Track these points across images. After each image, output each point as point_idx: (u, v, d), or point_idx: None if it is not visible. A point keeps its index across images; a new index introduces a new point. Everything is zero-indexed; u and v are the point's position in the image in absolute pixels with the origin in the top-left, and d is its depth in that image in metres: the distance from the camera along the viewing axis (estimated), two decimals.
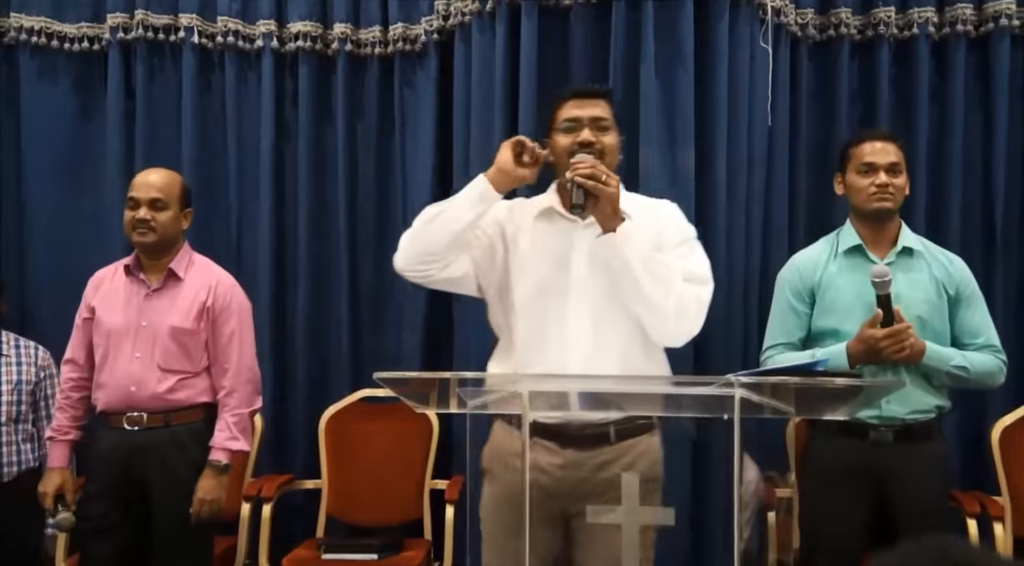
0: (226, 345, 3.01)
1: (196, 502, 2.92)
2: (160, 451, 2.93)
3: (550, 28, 3.46)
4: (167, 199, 2.97)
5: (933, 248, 2.91)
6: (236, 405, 3.00)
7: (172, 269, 3.00)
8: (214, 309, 3.01)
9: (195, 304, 2.99)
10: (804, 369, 2.07)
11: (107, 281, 3.06)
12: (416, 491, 3.69)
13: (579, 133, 2.35)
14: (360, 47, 3.86)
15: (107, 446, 2.96)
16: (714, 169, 3.34)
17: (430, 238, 2.34)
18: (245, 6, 3.87)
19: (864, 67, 3.67)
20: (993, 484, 3.37)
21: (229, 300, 3.05)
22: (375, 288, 3.91)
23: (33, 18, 3.87)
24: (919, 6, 3.56)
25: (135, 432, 2.93)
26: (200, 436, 2.98)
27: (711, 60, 3.34)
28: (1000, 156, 3.54)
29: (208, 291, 3.01)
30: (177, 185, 3.04)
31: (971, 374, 2.75)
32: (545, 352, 2.31)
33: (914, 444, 2.76)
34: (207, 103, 3.91)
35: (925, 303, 2.77)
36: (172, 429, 2.95)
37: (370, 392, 3.74)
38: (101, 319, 2.99)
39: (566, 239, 2.37)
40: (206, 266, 3.10)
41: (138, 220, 2.94)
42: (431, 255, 2.35)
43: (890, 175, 2.80)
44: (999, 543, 3.19)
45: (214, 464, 2.96)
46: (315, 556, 3.41)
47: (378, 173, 3.91)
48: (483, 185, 2.30)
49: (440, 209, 2.35)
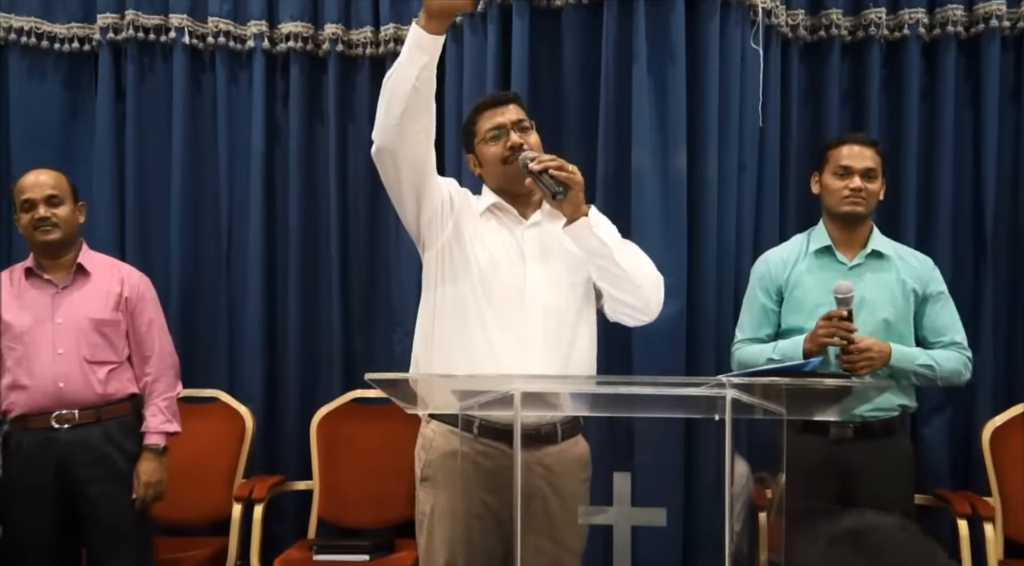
0: (146, 333, 3.08)
1: (141, 486, 2.96)
2: (93, 448, 2.94)
3: (541, 29, 3.46)
4: (61, 194, 3.00)
5: (903, 251, 2.96)
6: (164, 390, 3.08)
7: (81, 264, 3.03)
8: (131, 299, 3.07)
9: (111, 295, 3.03)
10: (794, 370, 2.07)
11: (6, 285, 3.04)
12: (408, 492, 3.65)
13: (508, 139, 2.38)
14: (351, 48, 3.85)
15: (32, 449, 2.94)
16: (705, 169, 3.34)
17: (390, 105, 2.21)
18: (236, 7, 3.85)
19: (855, 68, 3.67)
20: (983, 484, 3.38)
21: (143, 290, 3.12)
22: (366, 289, 3.90)
23: (22, 18, 3.84)
24: (910, 7, 3.57)
25: (65, 431, 2.92)
26: (130, 428, 3.03)
27: (702, 61, 3.34)
28: (990, 157, 3.55)
29: (120, 282, 3.07)
30: (65, 180, 3.07)
31: (937, 372, 2.80)
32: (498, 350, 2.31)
33: (875, 441, 2.81)
34: (198, 104, 3.89)
35: (891, 306, 2.83)
36: (103, 424, 2.97)
37: (361, 393, 3.73)
38: (10, 323, 2.97)
39: (513, 237, 2.41)
40: (107, 260, 3.17)
41: (39, 219, 2.95)
42: (401, 121, 2.20)
43: (865, 180, 2.86)
44: (989, 544, 3.20)
45: (153, 448, 3.01)
46: (307, 557, 3.41)
47: (369, 174, 3.87)
48: (416, 32, 2.20)
49: (387, 75, 2.24)
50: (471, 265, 2.35)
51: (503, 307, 2.33)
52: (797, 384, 1.98)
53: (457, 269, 2.37)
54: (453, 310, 2.37)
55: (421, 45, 2.17)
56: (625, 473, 2.14)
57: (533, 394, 2.10)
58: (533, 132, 2.44)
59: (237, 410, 3.71)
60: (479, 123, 2.44)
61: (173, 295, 3.75)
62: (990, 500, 3.32)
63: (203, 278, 3.86)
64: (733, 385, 1.94)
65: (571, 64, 3.44)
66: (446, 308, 2.38)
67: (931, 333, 2.88)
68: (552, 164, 2.25)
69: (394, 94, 2.19)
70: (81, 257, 3.04)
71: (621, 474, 2.28)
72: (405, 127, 2.21)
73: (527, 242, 2.40)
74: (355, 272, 3.90)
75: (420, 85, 2.18)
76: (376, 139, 2.26)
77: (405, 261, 3.80)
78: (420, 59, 2.17)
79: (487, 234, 2.40)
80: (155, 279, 3.31)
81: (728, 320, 3.34)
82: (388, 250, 3.87)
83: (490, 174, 2.45)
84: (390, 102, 2.20)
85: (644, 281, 2.34)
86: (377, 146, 2.27)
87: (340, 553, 3.39)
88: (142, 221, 3.85)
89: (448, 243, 2.38)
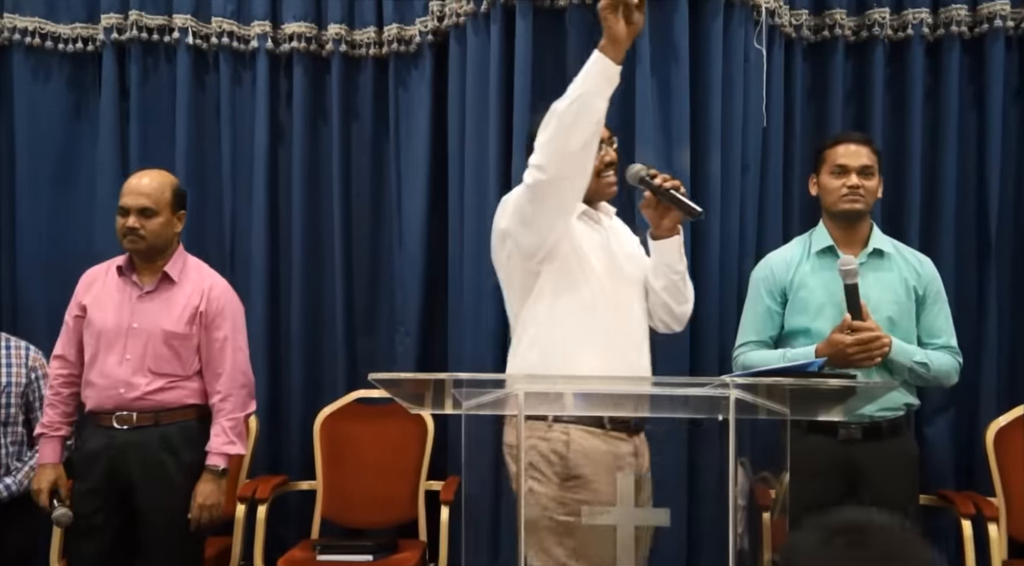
0: (219, 350, 3.00)
1: (196, 507, 2.91)
2: (146, 451, 2.91)
3: (545, 29, 3.46)
4: (156, 206, 2.95)
5: (903, 249, 2.97)
6: (232, 410, 2.99)
7: (166, 272, 2.99)
8: (208, 314, 2.99)
9: (188, 308, 2.98)
10: (798, 370, 2.07)
11: (99, 280, 3.04)
12: (411, 492, 3.69)
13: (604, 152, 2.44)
14: (355, 48, 3.85)
15: (95, 445, 2.95)
16: (708, 169, 3.34)
17: (571, 135, 2.16)
18: (239, 7, 3.86)
19: (858, 68, 3.67)
20: (987, 485, 3.37)
21: (223, 305, 3.04)
22: (370, 289, 3.90)
23: (27, 19, 3.85)
24: (913, 7, 3.57)
25: (123, 431, 2.92)
26: (192, 436, 2.97)
27: (706, 61, 3.35)
28: (994, 157, 3.54)
29: (202, 295, 3.00)
30: (168, 189, 3.00)
31: (931, 371, 2.81)
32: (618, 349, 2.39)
33: (883, 441, 2.82)
34: (201, 104, 3.90)
35: (895, 304, 2.83)
36: (161, 429, 2.93)
37: (365, 393, 3.73)
38: (92, 319, 2.98)
39: (606, 241, 2.47)
40: (200, 269, 3.09)
41: (128, 228, 2.93)
42: (577, 155, 2.18)
43: (861, 177, 2.86)
44: (993, 544, 3.19)
45: (212, 469, 2.95)
46: (310, 557, 3.41)
47: (372, 174, 3.90)
48: (602, 63, 2.14)
49: (568, 104, 2.16)
50: (591, 270, 2.38)
51: (619, 308, 2.41)
52: (801, 384, 1.97)
53: (576, 276, 2.37)
54: (579, 314, 2.36)
55: (607, 75, 2.15)
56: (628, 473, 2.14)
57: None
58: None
59: None
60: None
61: None
62: (994, 500, 3.32)
63: None
64: (737, 385, 1.94)
65: (574, 64, 3.41)
66: (570, 313, 2.36)
67: (926, 334, 2.88)
68: (677, 183, 2.37)
69: (577, 124, 2.15)
70: (170, 264, 2.99)
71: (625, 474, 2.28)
72: (587, 156, 2.21)
73: (613, 246, 2.48)
74: (358, 272, 3.90)
75: (601, 117, 2.19)
76: (551, 170, 2.19)
77: (408, 261, 3.81)
78: (607, 90, 2.17)
79: (590, 240, 2.43)
80: None
81: (731, 320, 3.33)
82: (391, 250, 3.87)
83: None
84: (571, 132, 2.15)
85: (691, 298, 2.56)
86: (551, 176, 2.20)
87: (344, 553, 3.39)
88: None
89: (567, 252, 2.37)
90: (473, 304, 3.53)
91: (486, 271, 3.46)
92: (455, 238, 3.66)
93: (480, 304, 3.49)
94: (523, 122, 3.38)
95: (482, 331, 3.49)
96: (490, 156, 3.46)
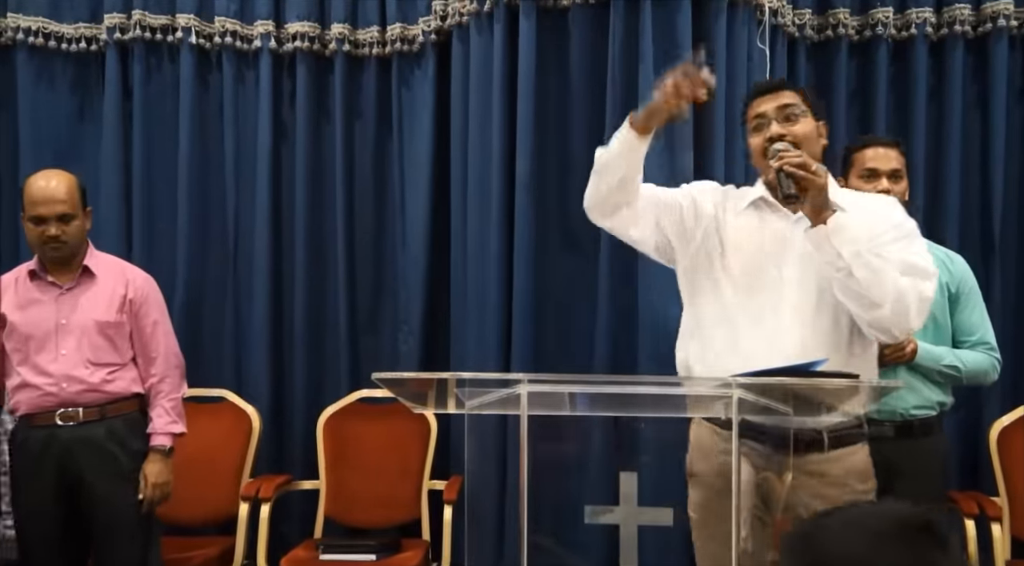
0: (151, 334, 3.06)
1: (149, 487, 2.95)
2: (96, 445, 2.93)
3: (548, 28, 3.46)
4: (73, 210, 2.95)
5: (934, 247, 2.92)
6: (170, 391, 3.06)
7: (87, 266, 3.01)
8: (135, 302, 3.04)
9: (115, 297, 3.01)
10: (802, 369, 2.06)
11: (11, 287, 3.02)
12: (414, 492, 3.69)
13: (768, 129, 2.28)
14: (358, 47, 3.85)
15: (36, 447, 2.94)
16: (712, 170, 3.34)
17: (599, 189, 2.31)
18: (243, 6, 3.86)
19: (862, 67, 3.67)
20: (991, 485, 3.37)
21: (147, 292, 3.09)
22: (373, 288, 3.91)
23: (30, 18, 3.86)
24: (917, 6, 3.56)
25: (69, 428, 2.93)
26: (137, 425, 3.01)
27: (709, 60, 3.33)
28: (998, 156, 3.54)
29: (125, 284, 3.04)
30: (76, 189, 2.99)
31: (963, 373, 2.78)
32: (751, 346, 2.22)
33: (914, 440, 2.78)
34: (205, 103, 3.90)
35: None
36: (108, 422, 2.96)
37: (368, 393, 3.74)
38: (16, 324, 2.97)
39: (778, 235, 2.29)
40: (113, 261, 3.14)
41: (48, 237, 2.91)
42: (607, 201, 2.32)
43: (891, 181, 2.83)
44: (996, 544, 3.19)
45: (159, 449, 3.00)
46: (313, 557, 3.41)
47: (376, 173, 3.90)
48: (624, 132, 2.23)
49: (599, 160, 2.30)
50: (728, 268, 2.31)
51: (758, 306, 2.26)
52: (805, 384, 1.97)
53: (717, 273, 2.32)
54: (714, 312, 2.32)
55: (632, 147, 2.23)
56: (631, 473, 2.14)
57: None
58: (805, 121, 2.30)
59: (244, 409, 3.72)
60: (748, 112, 2.38)
61: (180, 294, 3.77)
62: (997, 500, 3.32)
63: (210, 277, 3.87)
64: (740, 385, 1.93)
65: (578, 64, 3.44)
66: (708, 311, 2.34)
67: (960, 332, 2.85)
68: (791, 160, 2.13)
69: (603, 178, 2.29)
70: (87, 259, 3.02)
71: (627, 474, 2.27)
72: (616, 200, 2.31)
73: (795, 239, 2.26)
74: (361, 272, 3.90)
75: (628, 173, 2.26)
76: (587, 203, 2.35)
77: (411, 261, 3.81)
78: (629, 158, 2.24)
79: (746, 231, 2.33)
80: (162, 279, 3.30)
81: None
82: (395, 250, 3.87)
83: (758, 166, 2.37)
84: (599, 181, 2.30)
85: (885, 300, 2.12)
86: (588, 207, 2.35)
87: (347, 553, 3.39)
88: (149, 221, 3.86)
89: (697, 251, 2.35)
90: (476, 303, 3.53)
91: (489, 270, 3.47)
92: (458, 237, 3.67)
93: (483, 303, 3.49)
94: (526, 122, 3.38)
95: (485, 330, 3.49)
96: (493, 156, 3.46)
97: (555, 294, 3.45)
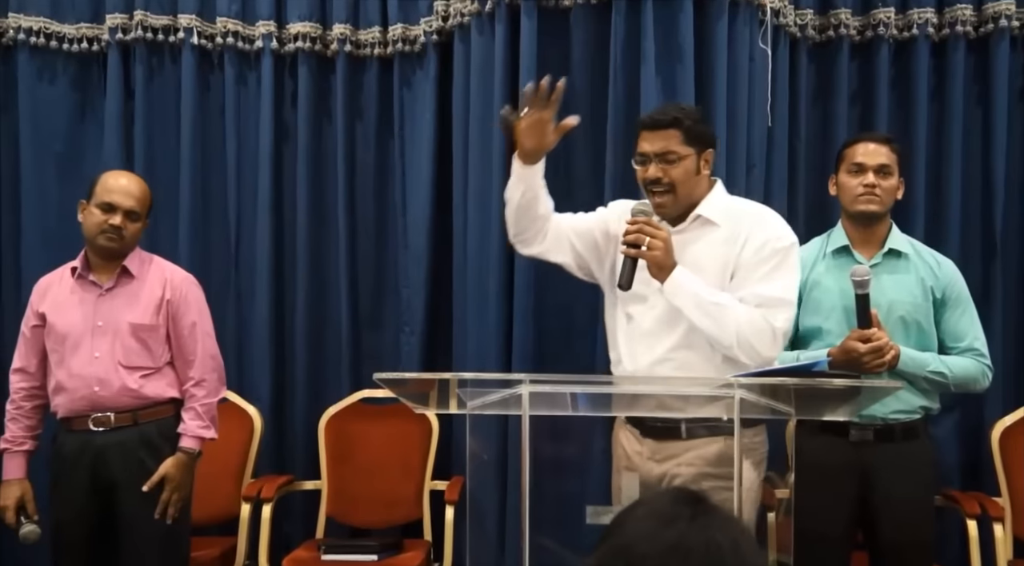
0: (188, 337, 3.00)
1: (166, 489, 2.89)
2: (127, 451, 2.89)
3: (550, 29, 3.45)
4: (142, 211, 2.96)
5: (923, 250, 2.92)
6: (206, 395, 3.00)
7: (125, 266, 2.97)
8: (173, 302, 3.00)
9: (152, 299, 2.97)
10: (803, 370, 2.07)
11: (54, 286, 3.01)
12: (416, 492, 3.69)
13: (647, 168, 2.44)
14: (359, 48, 3.86)
15: (72, 451, 2.91)
16: (713, 170, 3.33)
17: (509, 217, 2.56)
18: (244, 7, 3.87)
19: (863, 68, 3.67)
20: (993, 485, 3.37)
21: (186, 292, 3.04)
22: (374, 288, 3.91)
23: (32, 18, 3.86)
24: (918, 7, 3.56)
25: (101, 433, 2.89)
26: (171, 431, 2.96)
27: (710, 61, 3.34)
28: (999, 157, 3.54)
29: (164, 285, 3.00)
30: (149, 198, 3.02)
31: (950, 379, 2.75)
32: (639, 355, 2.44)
33: (895, 444, 2.76)
34: (206, 104, 3.91)
35: (910, 305, 2.78)
36: (141, 427, 2.91)
37: (370, 393, 3.74)
38: (54, 324, 2.95)
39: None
40: (156, 262, 3.09)
41: (111, 226, 2.90)
42: (517, 232, 2.58)
43: (879, 176, 2.81)
44: (999, 544, 3.19)
45: (187, 451, 2.95)
46: (315, 557, 3.41)
47: (377, 174, 3.90)
48: (515, 165, 2.49)
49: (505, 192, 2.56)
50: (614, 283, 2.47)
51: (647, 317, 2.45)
52: (806, 384, 1.97)
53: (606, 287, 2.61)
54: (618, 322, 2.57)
55: (520, 176, 2.49)
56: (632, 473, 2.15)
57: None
58: (684, 161, 2.44)
59: (245, 410, 3.72)
60: (638, 138, 2.49)
61: None
62: (999, 500, 3.31)
63: (211, 277, 3.85)
64: (742, 385, 1.94)
65: (579, 64, 3.44)
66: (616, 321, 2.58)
67: (948, 338, 2.82)
68: (627, 239, 2.33)
69: (508, 208, 2.55)
70: (127, 260, 2.98)
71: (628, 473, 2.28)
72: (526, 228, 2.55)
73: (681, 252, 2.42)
74: (363, 272, 3.90)
75: (524, 202, 2.50)
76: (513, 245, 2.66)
77: (412, 261, 3.81)
78: (519, 187, 2.49)
79: None
80: None
81: None
82: (396, 250, 3.88)
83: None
84: (507, 212, 2.56)
85: (730, 341, 2.30)
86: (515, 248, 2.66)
87: (348, 553, 3.39)
88: (151, 221, 3.85)
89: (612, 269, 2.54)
90: (477, 303, 3.53)
91: (490, 270, 3.47)
92: (459, 237, 3.67)
93: (484, 303, 3.49)
94: None
95: (486, 330, 3.49)
96: (494, 156, 3.45)
97: (556, 294, 3.45)
